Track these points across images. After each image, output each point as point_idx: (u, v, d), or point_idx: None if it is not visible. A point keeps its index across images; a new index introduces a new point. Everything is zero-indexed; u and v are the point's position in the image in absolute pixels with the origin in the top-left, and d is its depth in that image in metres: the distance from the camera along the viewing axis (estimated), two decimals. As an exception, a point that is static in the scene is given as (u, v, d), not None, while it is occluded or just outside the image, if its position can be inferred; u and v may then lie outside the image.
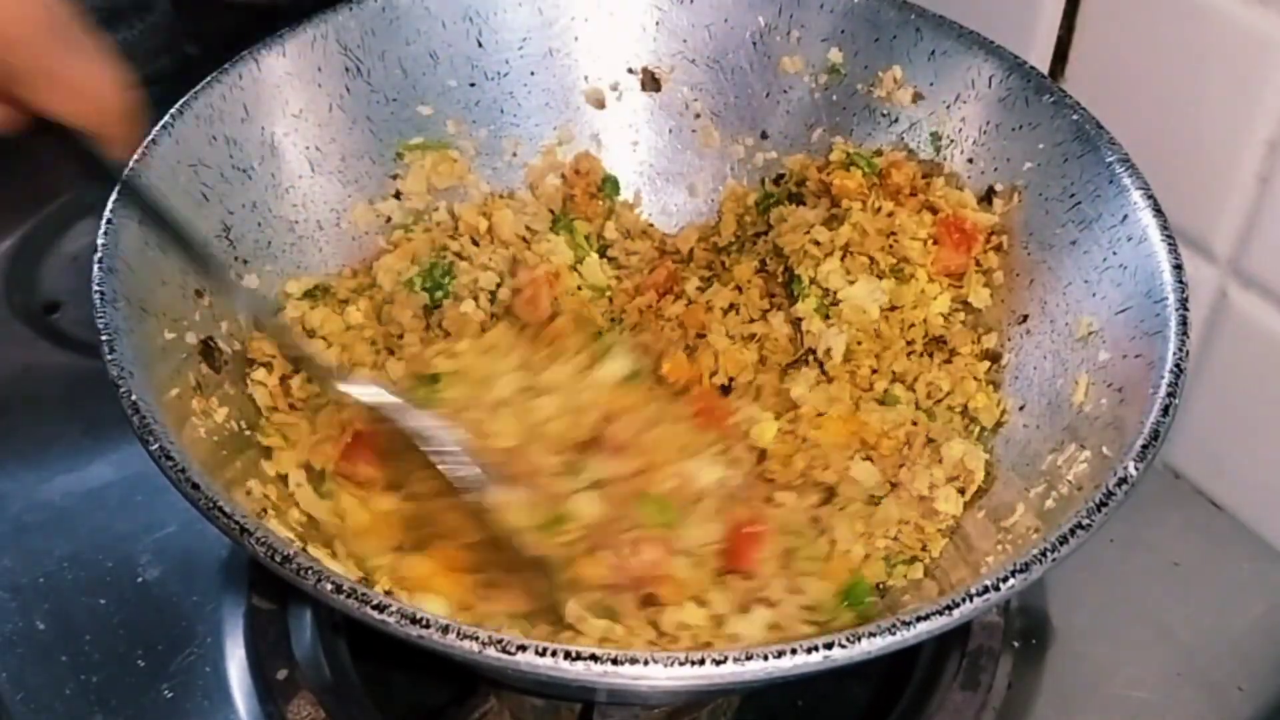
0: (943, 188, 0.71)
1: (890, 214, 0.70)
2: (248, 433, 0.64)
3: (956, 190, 0.71)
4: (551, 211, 0.80)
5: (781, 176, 0.78)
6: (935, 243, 0.70)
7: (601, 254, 0.79)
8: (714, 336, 0.72)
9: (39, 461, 0.79)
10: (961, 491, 0.65)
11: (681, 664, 0.45)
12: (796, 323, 0.71)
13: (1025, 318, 0.68)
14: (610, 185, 0.81)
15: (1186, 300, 0.58)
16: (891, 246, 0.70)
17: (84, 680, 0.68)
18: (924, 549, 0.64)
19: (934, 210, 0.71)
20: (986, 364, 0.69)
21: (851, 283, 0.69)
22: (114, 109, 0.45)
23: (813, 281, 0.70)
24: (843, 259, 0.70)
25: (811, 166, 0.75)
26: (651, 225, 0.82)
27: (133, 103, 0.45)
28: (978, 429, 0.67)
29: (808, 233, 0.71)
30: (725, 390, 0.71)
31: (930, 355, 0.70)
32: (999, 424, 0.67)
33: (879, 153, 0.74)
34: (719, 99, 0.79)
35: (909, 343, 0.70)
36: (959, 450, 0.65)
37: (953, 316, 0.70)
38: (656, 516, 0.62)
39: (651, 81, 0.80)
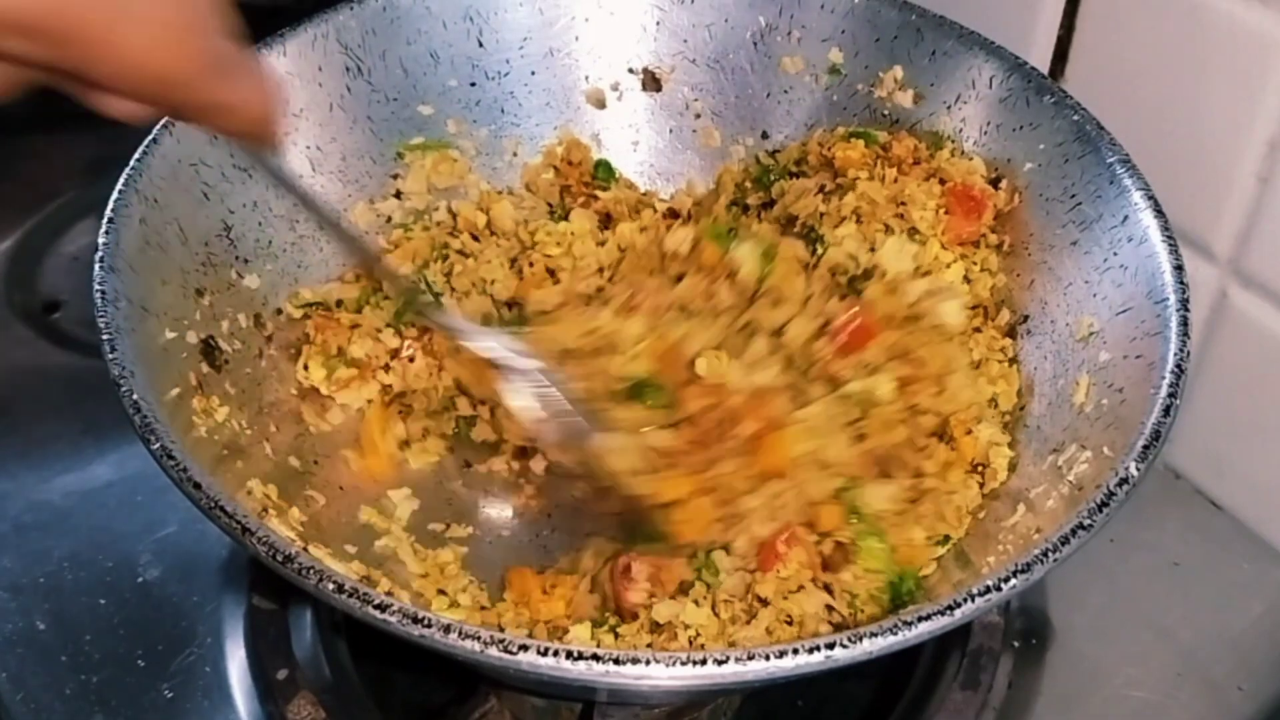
0: (949, 157, 0.71)
1: (896, 180, 0.70)
2: (247, 431, 0.64)
3: (965, 159, 0.71)
4: (550, 205, 0.80)
5: (776, 152, 0.78)
6: (946, 212, 0.70)
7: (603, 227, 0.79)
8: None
9: (39, 461, 0.79)
10: (981, 482, 0.65)
11: (683, 664, 0.45)
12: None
13: (1026, 318, 0.68)
14: (604, 170, 0.81)
15: (1187, 301, 0.58)
16: (901, 216, 0.70)
17: (84, 680, 0.68)
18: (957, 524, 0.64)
19: (943, 180, 0.70)
20: (1007, 340, 0.69)
21: (873, 249, 0.69)
22: (269, 117, 0.46)
23: (833, 245, 0.70)
24: (857, 222, 0.70)
25: (812, 142, 0.75)
26: (648, 193, 0.81)
27: (281, 104, 0.47)
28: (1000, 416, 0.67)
29: (818, 194, 0.71)
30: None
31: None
32: (1021, 408, 0.66)
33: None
34: (719, 99, 0.79)
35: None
36: (986, 435, 0.65)
37: (973, 285, 0.70)
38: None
39: (652, 81, 0.80)
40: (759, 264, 0.69)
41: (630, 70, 0.80)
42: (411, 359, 0.72)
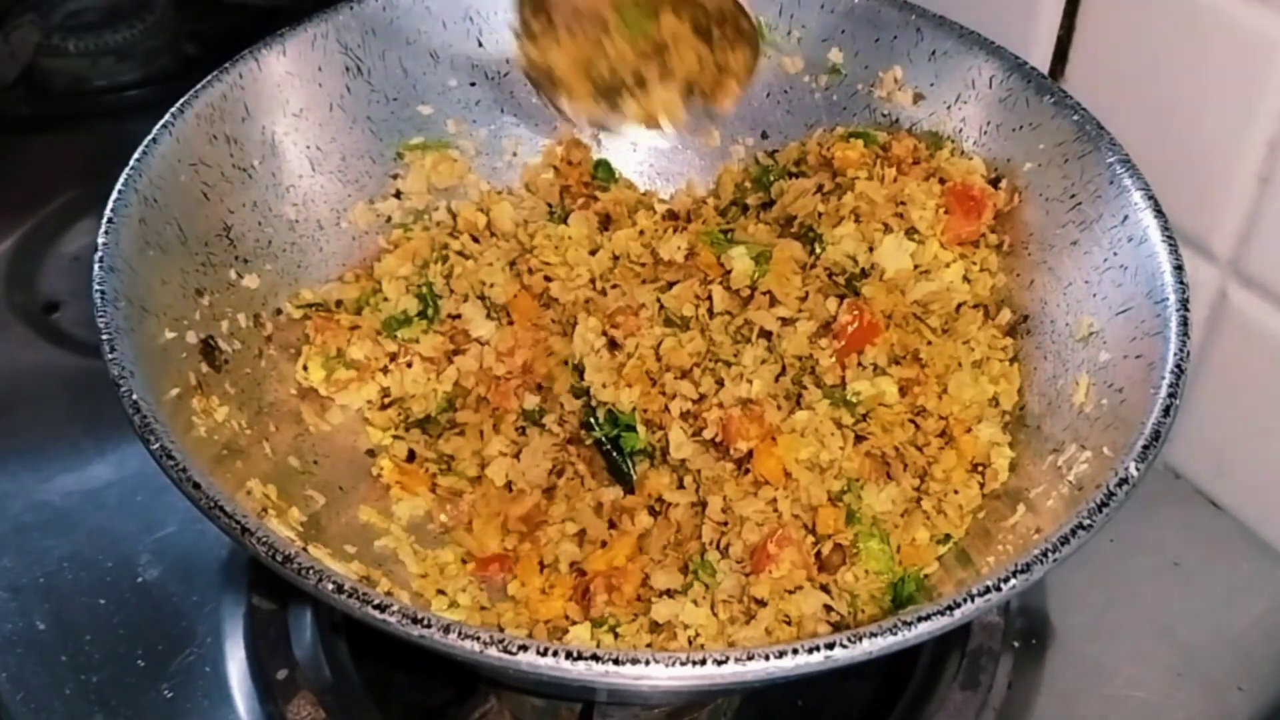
0: (949, 157, 0.71)
1: (895, 180, 0.70)
2: (247, 431, 0.65)
3: (964, 159, 0.71)
4: (549, 205, 0.80)
5: (775, 153, 0.78)
6: (945, 212, 0.69)
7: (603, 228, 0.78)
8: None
9: (39, 461, 0.79)
10: (981, 482, 0.65)
11: (682, 664, 0.45)
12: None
13: (1026, 318, 0.68)
14: (603, 170, 0.81)
15: (1187, 301, 0.58)
16: (900, 215, 0.69)
17: (84, 680, 0.68)
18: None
19: (942, 180, 0.70)
20: (1008, 340, 0.69)
21: (871, 249, 0.69)
22: None
23: (831, 244, 0.70)
24: (856, 222, 0.70)
25: (811, 142, 0.75)
26: (648, 193, 0.81)
27: None
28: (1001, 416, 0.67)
29: (816, 193, 0.72)
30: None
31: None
32: (1021, 408, 0.66)
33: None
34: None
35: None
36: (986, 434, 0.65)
37: (973, 285, 0.70)
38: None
39: None
40: (751, 266, 0.69)
41: (630, 70, 0.80)
42: (409, 364, 0.72)
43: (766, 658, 0.45)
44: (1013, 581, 0.48)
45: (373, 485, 0.70)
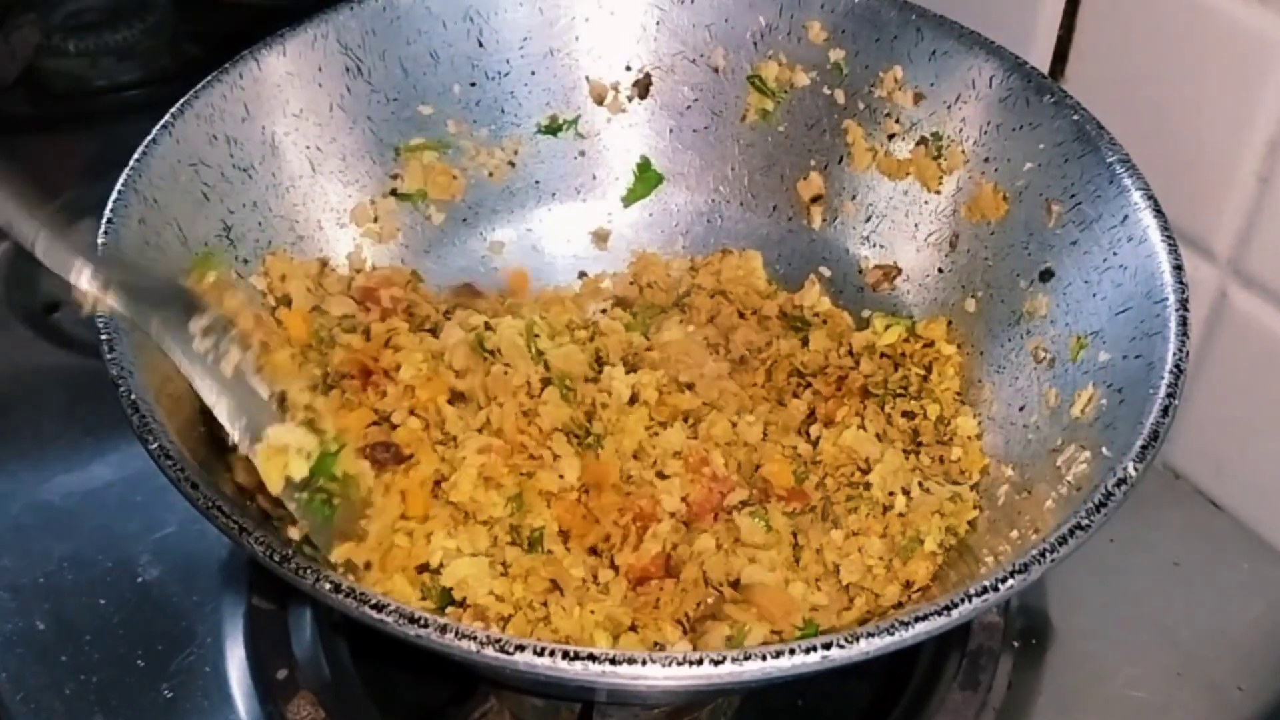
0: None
1: None
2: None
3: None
4: None
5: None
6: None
7: None
8: None
9: (39, 461, 0.79)
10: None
11: (679, 664, 0.45)
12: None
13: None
14: None
15: (1186, 301, 0.58)
16: None
17: (84, 680, 0.68)
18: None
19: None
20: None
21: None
22: None
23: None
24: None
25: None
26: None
27: None
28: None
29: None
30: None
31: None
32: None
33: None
34: (719, 99, 0.79)
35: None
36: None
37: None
38: None
39: (643, 89, 0.80)
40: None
41: (629, 69, 0.80)
42: None
43: (763, 657, 0.45)
44: (1010, 582, 0.48)
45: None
